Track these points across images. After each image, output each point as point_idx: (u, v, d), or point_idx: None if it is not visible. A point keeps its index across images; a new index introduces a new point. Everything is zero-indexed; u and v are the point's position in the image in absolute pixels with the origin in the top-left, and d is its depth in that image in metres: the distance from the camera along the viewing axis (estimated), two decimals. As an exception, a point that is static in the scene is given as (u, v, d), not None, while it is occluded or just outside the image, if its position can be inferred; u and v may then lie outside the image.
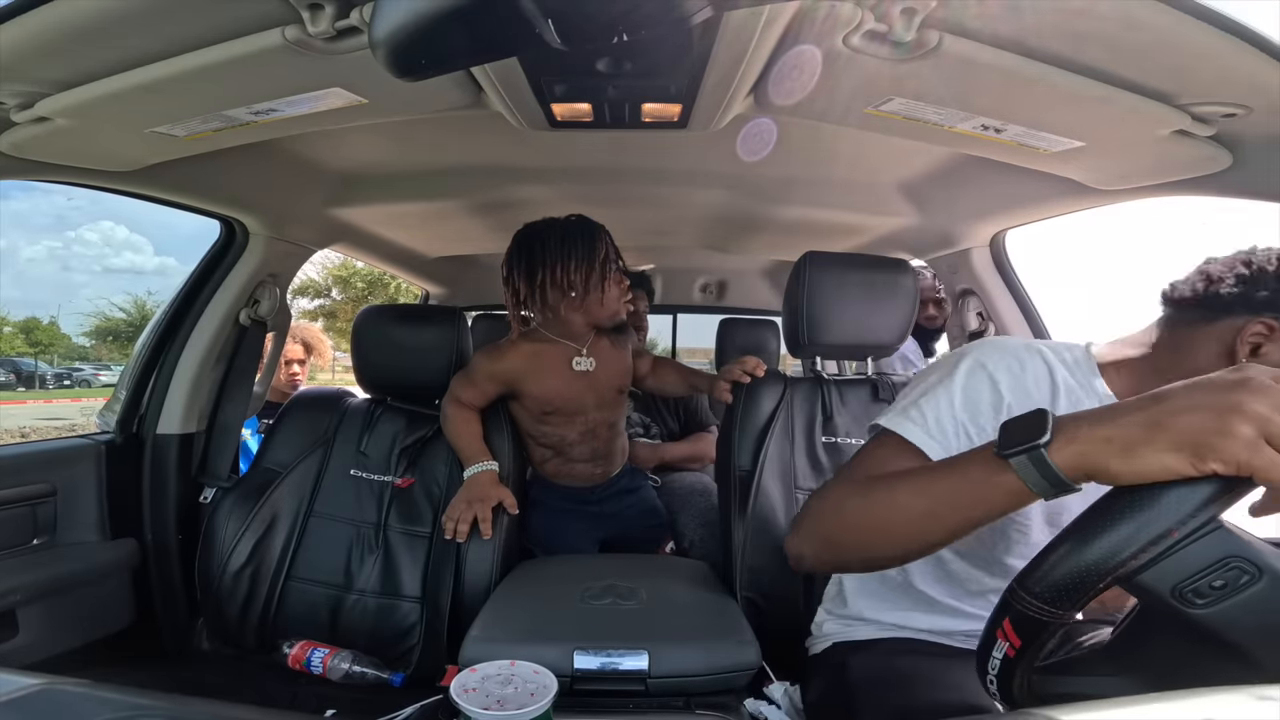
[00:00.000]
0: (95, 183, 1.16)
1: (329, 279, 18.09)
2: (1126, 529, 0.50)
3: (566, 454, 1.49)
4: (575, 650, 0.87)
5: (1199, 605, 0.50)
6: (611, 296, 1.38)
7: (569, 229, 1.35)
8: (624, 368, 1.51)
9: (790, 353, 1.39)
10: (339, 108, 0.91)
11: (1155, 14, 0.65)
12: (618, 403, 1.52)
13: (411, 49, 0.47)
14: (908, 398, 0.83)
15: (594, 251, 1.33)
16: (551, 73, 0.90)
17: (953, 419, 0.77)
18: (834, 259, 1.29)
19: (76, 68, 0.79)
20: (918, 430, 0.77)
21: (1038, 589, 0.53)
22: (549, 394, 1.42)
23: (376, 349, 1.48)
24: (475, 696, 0.73)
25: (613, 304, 1.39)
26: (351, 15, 0.70)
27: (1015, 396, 0.78)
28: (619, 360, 1.50)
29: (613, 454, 1.55)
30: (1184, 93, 0.80)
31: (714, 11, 0.46)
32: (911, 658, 0.90)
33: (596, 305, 1.37)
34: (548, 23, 0.44)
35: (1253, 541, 0.51)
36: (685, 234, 2.10)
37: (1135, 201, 1.16)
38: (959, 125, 0.94)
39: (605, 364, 1.45)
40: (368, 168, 1.50)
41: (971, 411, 0.78)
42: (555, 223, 1.36)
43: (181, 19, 0.72)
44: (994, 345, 0.85)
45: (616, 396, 1.50)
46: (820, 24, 0.73)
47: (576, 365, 1.42)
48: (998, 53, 0.76)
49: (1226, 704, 0.38)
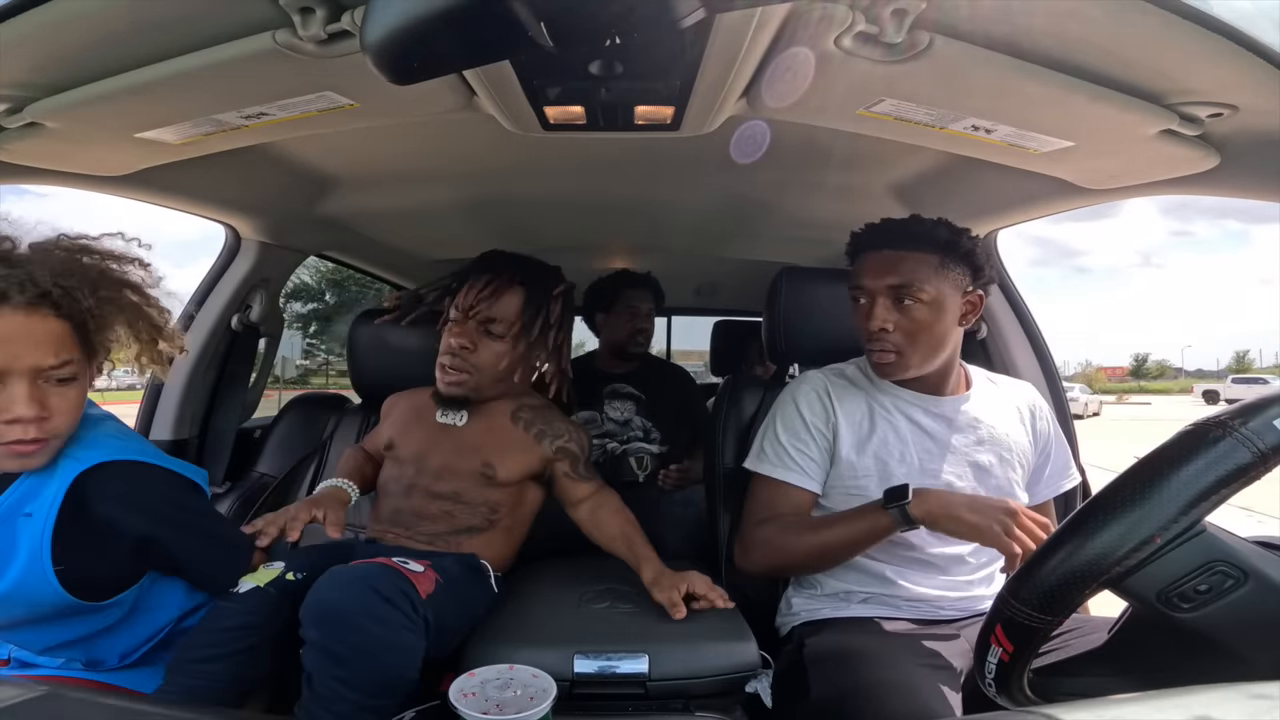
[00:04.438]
0: (85, 188, 1.15)
1: (322, 282, 18.03)
2: (1110, 535, 0.51)
3: (380, 502, 1.19)
4: (574, 654, 0.87)
5: (1185, 609, 0.50)
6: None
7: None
8: (517, 454, 1.16)
9: (770, 359, 1.46)
10: (331, 111, 0.91)
11: (1143, 15, 0.66)
12: (476, 488, 1.13)
13: (403, 53, 0.47)
14: (756, 442, 1.16)
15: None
16: (544, 76, 0.90)
17: (786, 444, 1.09)
18: (807, 274, 1.40)
19: (66, 72, 0.79)
20: (777, 468, 1.09)
21: (1027, 596, 0.54)
22: (396, 431, 1.21)
23: (371, 354, 1.47)
24: (474, 701, 0.72)
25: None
26: (343, 19, 0.70)
27: (809, 410, 1.10)
28: (517, 445, 1.17)
29: (418, 530, 1.12)
30: (1171, 93, 0.81)
31: (706, 14, 0.46)
32: (862, 636, 0.98)
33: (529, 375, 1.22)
34: (540, 26, 0.44)
35: (1237, 545, 0.51)
36: (679, 236, 2.10)
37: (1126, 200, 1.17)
38: (950, 126, 0.94)
39: (486, 433, 1.17)
40: (360, 172, 1.50)
41: (792, 433, 1.10)
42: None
43: (172, 23, 0.71)
44: (798, 381, 1.16)
45: (478, 478, 1.13)
46: (812, 26, 0.74)
47: (441, 416, 1.19)
48: (988, 54, 0.76)
49: (1221, 701, 0.39)
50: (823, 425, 1.09)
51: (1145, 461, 0.54)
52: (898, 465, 1.06)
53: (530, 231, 2.05)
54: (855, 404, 1.10)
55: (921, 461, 1.07)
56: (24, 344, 0.70)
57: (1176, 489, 0.50)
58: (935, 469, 1.06)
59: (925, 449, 1.08)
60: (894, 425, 1.09)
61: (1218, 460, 0.50)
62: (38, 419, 0.71)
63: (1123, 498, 0.52)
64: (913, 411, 1.09)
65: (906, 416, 1.09)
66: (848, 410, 1.10)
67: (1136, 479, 0.53)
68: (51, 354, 0.72)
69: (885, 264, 1.04)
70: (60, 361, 0.73)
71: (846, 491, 1.08)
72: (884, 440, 1.07)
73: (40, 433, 0.72)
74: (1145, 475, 0.52)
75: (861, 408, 1.10)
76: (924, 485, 0.96)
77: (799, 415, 1.10)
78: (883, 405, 1.10)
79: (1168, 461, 0.52)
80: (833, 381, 1.13)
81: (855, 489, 1.06)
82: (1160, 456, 0.53)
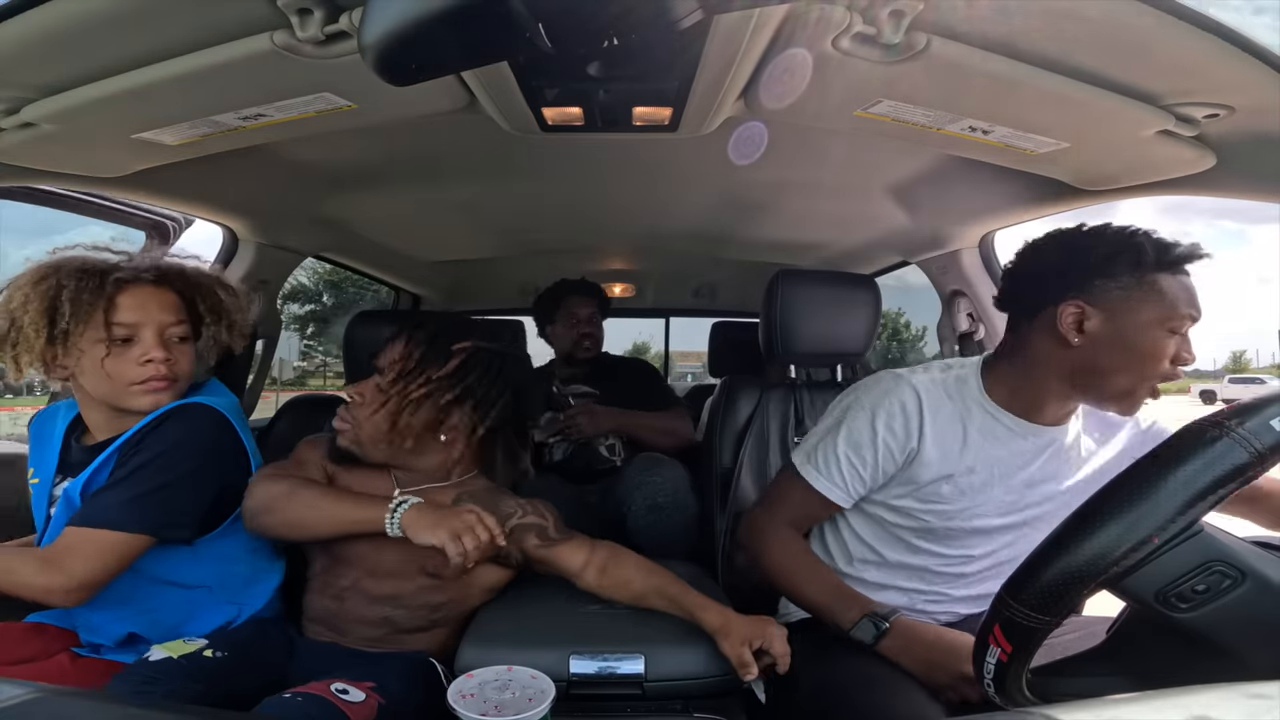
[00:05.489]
0: (82, 189, 1.15)
1: (320, 283, 18.01)
2: (1109, 535, 0.51)
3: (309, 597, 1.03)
4: (571, 655, 0.86)
5: (1183, 609, 0.50)
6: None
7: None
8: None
9: (766, 361, 1.45)
10: (329, 112, 0.91)
11: (1139, 16, 0.66)
12: (417, 590, 0.98)
13: (401, 54, 0.47)
14: (812, 437, 1.04)
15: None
16: (542, 77, 0.90)
17: (842, 456, 0.98)
18: (803, 276, 1.39)
19: (63, 73, 0.79)
20: (820, 478, 1.00)
21: (1025, 596, 0.54)
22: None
23: (369, 355, 1.47)
24: (473, 702, 0.72)
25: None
26: (341, 20, 0.70)
27: (888, 431, 0.96)
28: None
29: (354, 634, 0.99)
30: (1168, 94, 0.81)
31: (704, 15, 0.46)
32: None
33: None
34: (538, 27, 0.44)
35: (1235, 545, 0.51)
36: (677, 237, 2.10)
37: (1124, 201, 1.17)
38: (947, 127, 0.94)
39: None
40: (358, 172, 1.49)
41: (855, 449, 0.97)
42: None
43: (169, 24, 0.71)
44: (870, 385, 1.01)
45: (420, 577, 0.98)
46: (810, 27, 0.74)
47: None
48: (985, 55, 0.76)
49: (1220, 701, 0.39)
50: (897, 450, 0.96)
51: (1143, 462, 0.54)
52: (978, 494, 0.96)
53: (527, 233, 2.05)
54: (950, 424, 0.96)
55: (1005, 492, 0.97)
56: (153, 307, 0.97)
57: (1174, 489, 0.50)
58: (1015, 501, 0.98)
59: (1017, 478, 0.97)
60: (988, 452, 0.96)
61: (1215, 460, 0.50)
62: (165, 360, 0.96)
63: (1120, 498, 0.52)
64: (1011, 439, 0.96)
65: (1000, 442, 0.96)
66: (940, 430, 0.95)
67: (1134, 479, 0.53)
68: (172, 314, 0.99)
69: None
70: (177, 319, 0.99)
71: (923, 499, 0.98)
72: (970, 468, 0.96)
73: (169, 371, 0.96)
74: (1143, 475, 0.52)
75: (957, 429, 0.96)
76: (979, 537, 0.97)
77: (871, 430, 0.96)
78: (982, 428, 0.96)
79: (1165, 462, 0.52)
80: (928, 395, 0.96)
81: (933, 495, 0.98)
82: (1158, 457, 0.53)
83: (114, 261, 0.98)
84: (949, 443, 0.95)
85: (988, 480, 0.96)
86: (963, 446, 0.96)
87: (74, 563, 0.87)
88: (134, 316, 0.95)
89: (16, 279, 0.94)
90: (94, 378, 0.94)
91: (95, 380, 0.94)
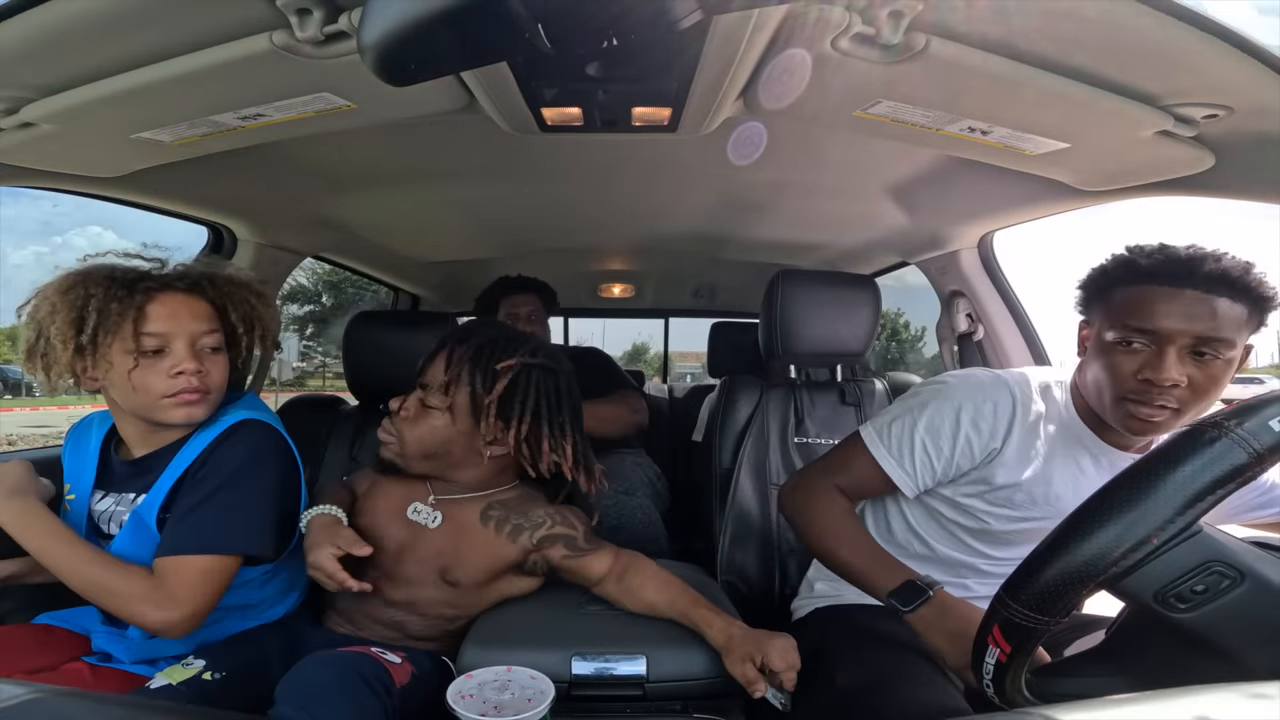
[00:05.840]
0: (81, 189, 1.14)
1: (319, 284, 17.99)
2: (1107, 536, 0.51)
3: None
4: (572, 655, 0.86)
5: (1182, 610, 0.50)
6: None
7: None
8: (482, 556, 1.00)
9: (765, 361, 1.46)
10: (328, 113, 0.91)
11: (1138, 16, 0.66)
12: (433, 598, 1.00)
13: (400, 54, 0.47)
14: (889, 414, 1.01)
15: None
16: (541, 77, 0.90)
17: (918, 441, 0.96)
18: (803, 276, 1.40)
19: (62, 73, 0.78)
20: (889, 458, 0.97)
21: (1024, 597, 0.54)
22: (368, 522, 1.04)
23: (368, 355, 1.47)
24: (472, 703, 0.72)
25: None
26: (340, 20, 0.70)
27: (973, 426, 0.94)
28: (483, 547, 1.00)
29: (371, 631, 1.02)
30: (1167, 94, 0.81)
31: (703, 15, 0.46)
32: (890, 622, 0.94)
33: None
34: (537, 27, 0.44)
35: (1233, 545, 0.51)
36: (676, 237, 2.10)
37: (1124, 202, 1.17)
38: (946, 127, 0.94)
39: (452, 537, 1.01)
40: (357, 172, 1.49)
41: (934, 436, 0.95)
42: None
43: (168, 24, 0.71)
44: (964, 377, 0.99)
45: (437, 585, 1.00)
46: (809, 27, 0.74)
47: (413, 513, 1.03)
48: (984, 55, 0.76)
49: (1220, 702, 0.39)
50: (978, 449, 0.94)
51: (1142, 462, 0.54)
52: (1050, 505, 0.95)
53: (526, 233, 2.05)
54: (1036, 433, 0.94)
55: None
56: (185, 316, 0.93)
57: (1173, 490, 0.50)
58: None
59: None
60: (1067, 468, 0.95)
61: (1214, 461, 0.50)
62: (197, 372, 0.92)
63: (1119, 498, 0.52)
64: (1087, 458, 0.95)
65: (1078, 460, 0.95)
66: (1025, 436, 0.94)
67: (1133, 480, 0.53)
68: (205, 324, 0.95)
69: (1191, 307, 0.82)
70: (210, 329, 0.95)
71: (992, 502, 0.97)
72: (1048, 479, 0.95)
73: (200, 384, 0.92)
74: (1142, 476, 0.52)
75: (1042, 439, 0.94)
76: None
77: (956, 423, 0.94)
78: (1065, 442, 0.95)
79: (1164, 462, 0.52)
80: (1023, 399, 0.94)
81: (1004, 500, 0.96)
82: (1156, 457, 0.53)
83: (144, 269, 0.95)
84: (1032, 451, 0.94)
85: (1062, 494, 0.94)
86: (1045, 458, 0.94)
87: (185, 593, 0.85)
88: (164, 326, 0.91)
89: (44, 287, 0.91)
90: (123, 390, 0.91)
91: (124, 393, 0.91)
